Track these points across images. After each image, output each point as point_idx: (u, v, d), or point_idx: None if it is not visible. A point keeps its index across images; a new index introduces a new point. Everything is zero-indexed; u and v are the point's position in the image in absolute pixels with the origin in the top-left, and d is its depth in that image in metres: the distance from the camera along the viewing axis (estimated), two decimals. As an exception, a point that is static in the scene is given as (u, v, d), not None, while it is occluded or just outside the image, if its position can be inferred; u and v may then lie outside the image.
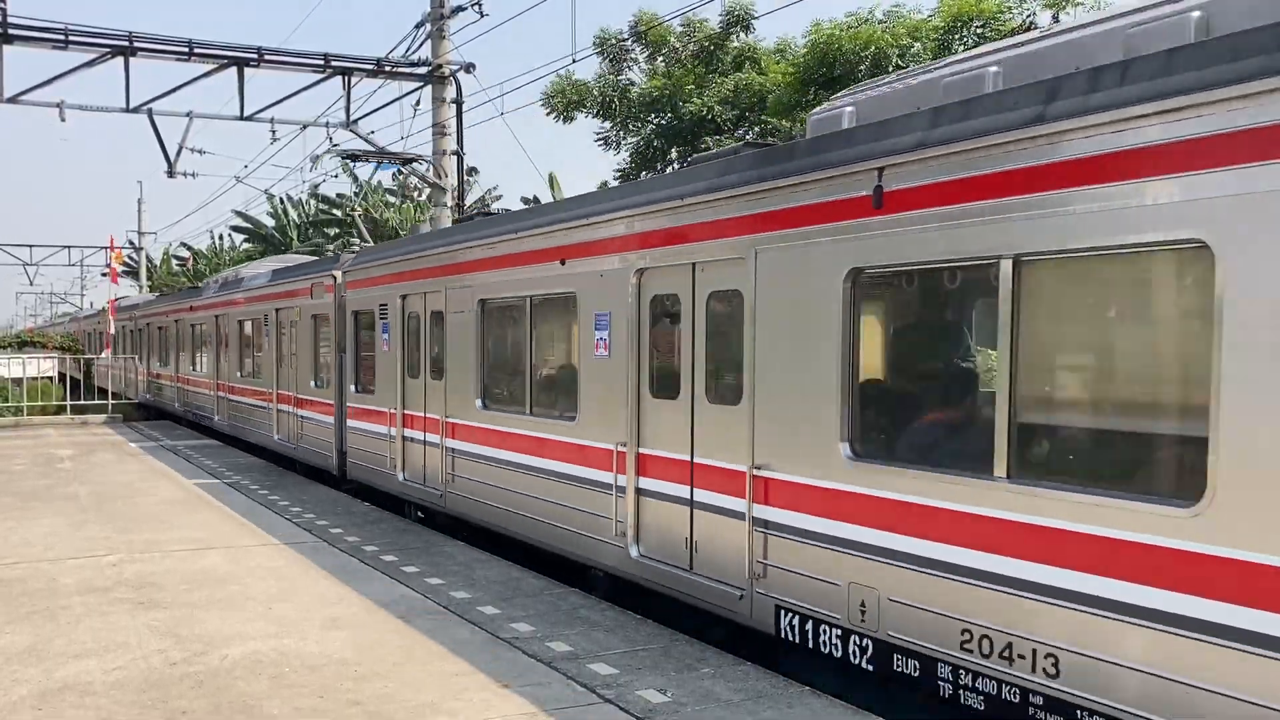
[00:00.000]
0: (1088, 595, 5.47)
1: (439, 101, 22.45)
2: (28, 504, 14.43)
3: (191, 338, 27.92)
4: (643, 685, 6.96)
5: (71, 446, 22.38)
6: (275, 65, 22.23)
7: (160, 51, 21.33)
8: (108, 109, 22.70)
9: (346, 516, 13.68)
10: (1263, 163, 4.74)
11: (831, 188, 7.10)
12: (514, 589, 9.67)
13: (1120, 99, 5.36)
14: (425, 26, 22.11)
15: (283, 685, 6.99)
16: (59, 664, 7.43)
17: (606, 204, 9.72)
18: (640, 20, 24.58)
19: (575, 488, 10.04)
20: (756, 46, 24.54)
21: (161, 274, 63.81)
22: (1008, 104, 6.03)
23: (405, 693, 6.83)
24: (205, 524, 12.96)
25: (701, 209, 8.31)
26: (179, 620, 8.57)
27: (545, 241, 10.57)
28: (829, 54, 19.87)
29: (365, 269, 15.81)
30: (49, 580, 9.96)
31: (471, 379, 12.21)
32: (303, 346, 18.62)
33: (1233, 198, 4.86)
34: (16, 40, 20.48)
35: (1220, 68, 4.96)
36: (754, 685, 6.97)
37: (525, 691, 6.83)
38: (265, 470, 18.68)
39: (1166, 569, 5.10)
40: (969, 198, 6.13)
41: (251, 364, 22.29)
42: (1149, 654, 5.19)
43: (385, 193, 42.03)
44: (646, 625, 8.54)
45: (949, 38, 19.40)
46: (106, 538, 12.03)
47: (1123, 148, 5.36)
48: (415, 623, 8.48)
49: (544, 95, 25.34)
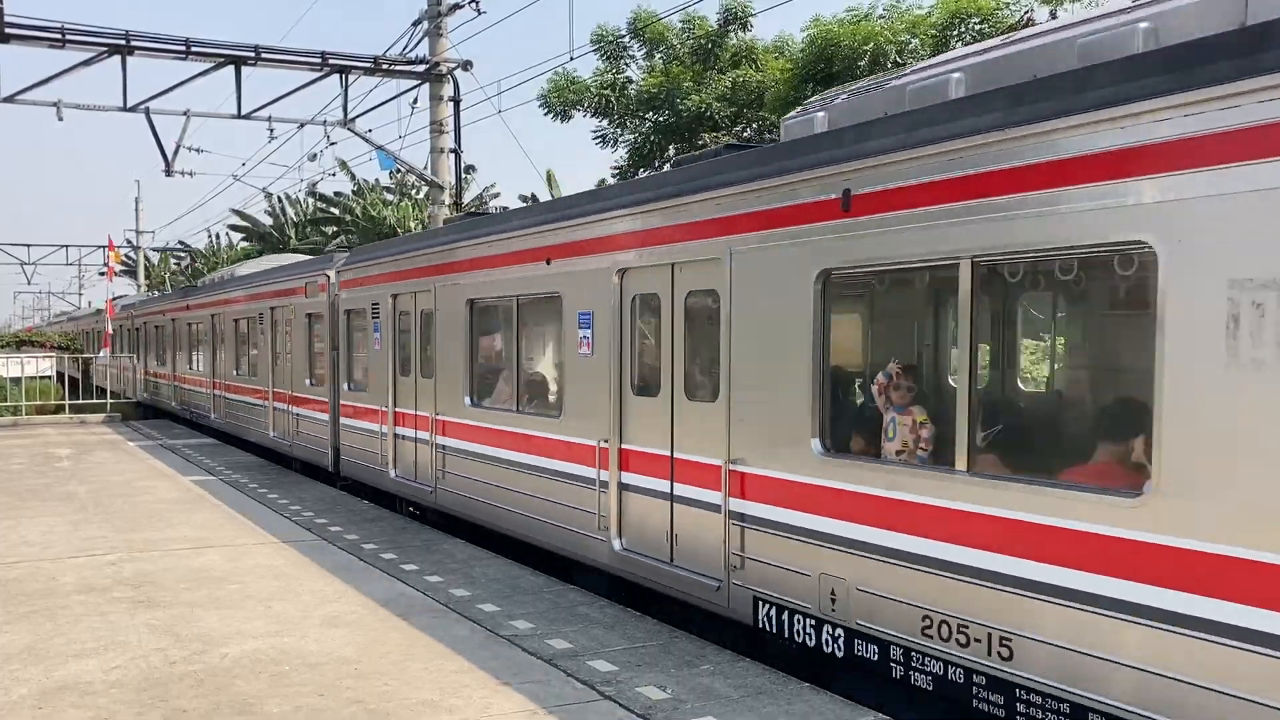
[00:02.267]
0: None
1: (436, 99, 22.45)
2: (26, 503, 14.43)
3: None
4: (642, 682, 6.96)
5: (70, 445, 22.37)
6: (273, 63, 22.22)
7: (158, 50, 21.32)
8: (105, 108, 22.71)
9: (345, 514, 13.67)
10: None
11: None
12: (513, 586, 9.67)
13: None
14: (423, 24, 22.10)
15: (282, 684, 6.99)
16: (58, 663, 7.43)
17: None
18: (638, 18, 24.56)
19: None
20: (754, 44, 24.52)
21: (159, 273, 63.77)
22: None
23: (405, 691, 6.83)
24: (204, 522, 12.96)
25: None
26: (178, 619, 8.57)
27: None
28: (828, 49, 19.86)
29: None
30: (48, 579, 9.95)
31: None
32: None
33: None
34: (13, 39, 20.44)
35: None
36: (753, 682, 6.97)
37: (525, 689, 6.83)
38: (263, 468, 18.68)
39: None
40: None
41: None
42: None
43: (383, 190, 41.99)
44: (646, 622, 8.54)
45: (947, 34, 19.40)
46: (105, 537, 12.03)
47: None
48: (415, 620, 8.47)
49: (541, 94, 25.33)
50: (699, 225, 8.26)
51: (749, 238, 7.70)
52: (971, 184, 6.01)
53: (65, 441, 23.25)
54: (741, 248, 7.77)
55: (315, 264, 19.28)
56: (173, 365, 29.79)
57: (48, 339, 45.74)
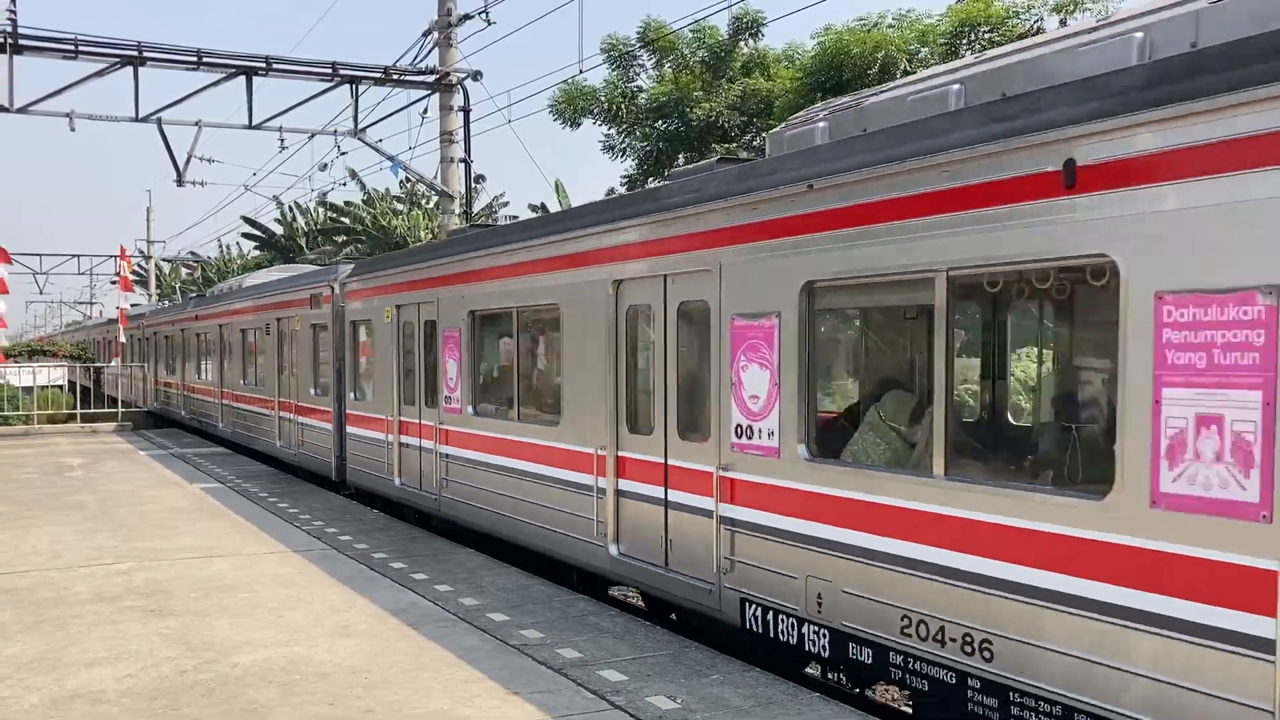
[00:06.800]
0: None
1: (446, 109, 22.52)
2: (37, 512, 14.47)
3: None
4: (652, 692, 6.95)
5: (81, 455, 22.44)
6: (283, 74, 22.32)
7: (169, 61, 21.43)
8: (117, 118, 22.82)
9: (355, 523, 13.68)
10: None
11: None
12: (523, 595, 9.67)
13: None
14: (433, 35, 22.18)
15: (293, 693, 6.99)
16: (70, 672, 7.44)
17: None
18: (648, 27, 24.61)
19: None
20: (765, 52, 24.54)
21: (170, 282, 64.02)
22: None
23: (415, 700, 6.83)
24: (214, 531, 12.98)
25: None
26: (189, 628, 8.58)
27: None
28: (838, 58, 19.86)
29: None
30: (59, 589, 9.98)
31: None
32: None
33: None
34: (27, 50, 20.59)
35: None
36: (764, 692, 6.95)
37: (535, 699, 6.82)
38: (272, 477, 18.71)
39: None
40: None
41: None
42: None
43: (393, 199, 42.11)
44: (656, 632, 8.53)
45: (956, 42, 19.39)
46: (116, 546, 12.06)
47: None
48: (425, 630, 8.47)
49: (552, 101, 25.41)
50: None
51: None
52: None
53: (76, 451, 23.33)
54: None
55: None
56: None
57: (59, 348, 45.89)
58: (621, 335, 9.46)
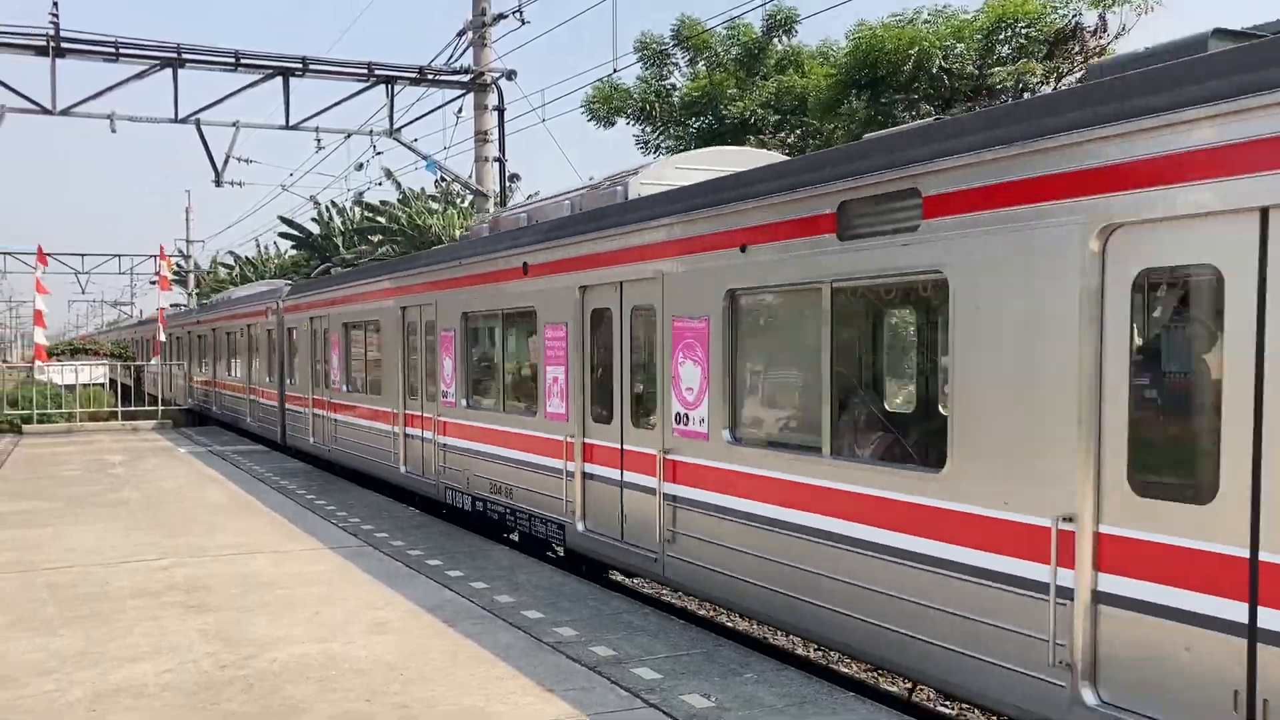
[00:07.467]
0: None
1: (481, 109, 22.62)
2: (79, 509, 14.69)
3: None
4: (686, 690, 6.96)
5: (122, 452, 22.75)
6: (320, 74, 22.52)
7: (208, 62, 21.66)
8: (157, 119, 23.09)
9: (391, 520, 13.79)
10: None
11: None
12: (557, 593, 9.71)
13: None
14: (467, 35, 22.28)
15: (330, 688, 7.06)
16: (113, 666, 7.56)
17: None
18: (682, 25, 24.57)
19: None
20: (800, 49, 24.43)
21: (209, 282, 64.67)
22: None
23: (451, 696, 6.88)
24: (253, 528, 13.13)
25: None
26: (228, 623, 8.68)
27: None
28: (872, 55, 19.71)
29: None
30: (101, 584, 10.13)
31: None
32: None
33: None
34: (69, 53, 20.89)
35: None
36: (798, 690, 6.94)
37: (569, 696, 6.85)
38: (309, 475, 18.88)
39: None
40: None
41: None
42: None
43: (428, 199, 42.30)
44: (690, 630, 8.54)
45: (992, 39, 19.20)
46: (156, 542, 12.22)
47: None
48: (460, 627, 8.53)
49: (585, 101, 25.45)
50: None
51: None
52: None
53: (118, 448, 23.65)
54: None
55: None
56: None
57: (101, 347, 46.51)
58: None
